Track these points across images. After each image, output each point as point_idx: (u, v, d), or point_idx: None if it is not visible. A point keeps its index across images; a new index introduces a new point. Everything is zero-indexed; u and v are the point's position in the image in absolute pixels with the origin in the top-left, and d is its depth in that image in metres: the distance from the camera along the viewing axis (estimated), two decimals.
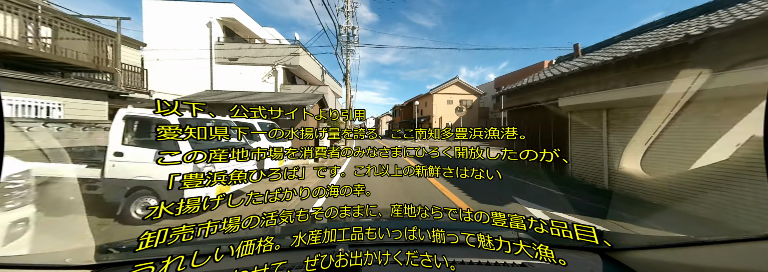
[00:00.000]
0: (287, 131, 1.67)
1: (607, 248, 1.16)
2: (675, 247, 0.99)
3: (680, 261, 0.94)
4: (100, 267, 1.06)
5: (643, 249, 1.10)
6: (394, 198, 5.31)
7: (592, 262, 1.16)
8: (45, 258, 1.12)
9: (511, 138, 1.54)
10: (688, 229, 4.00)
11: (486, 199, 5.33)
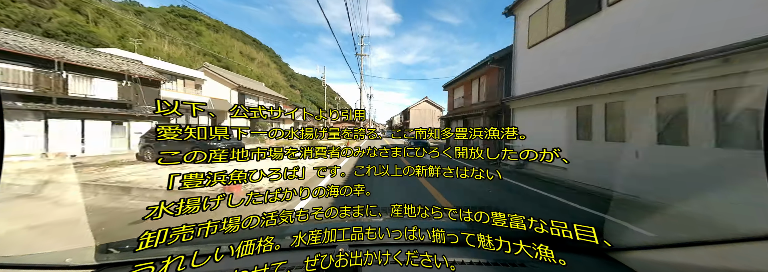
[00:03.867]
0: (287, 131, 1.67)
1: (607, 248, 1.16)
2: (675, 247, 0.99)
3: (680, 261, 0.94)
4: (101, 267, 1.06)
5: (643, 249, 1.10)
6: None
7: (592, 262, 1.16)
8: (45, 258, 1.12)
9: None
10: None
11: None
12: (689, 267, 0.92)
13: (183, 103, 1.34)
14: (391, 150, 1.98)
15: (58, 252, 1.14)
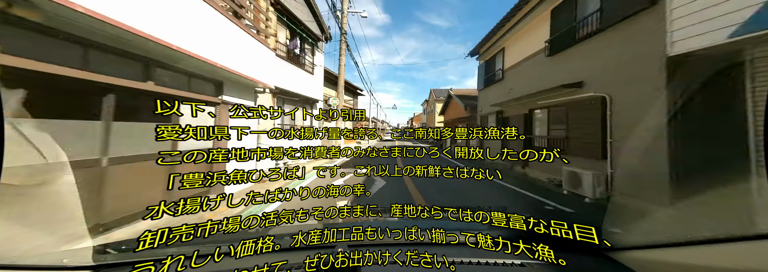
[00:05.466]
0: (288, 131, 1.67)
1: (607, 248, 1.16)
2: (675, 247, 0.99)
3: (680, 261, 0.94)
4: (99, 267, 1.05)
5: (643, 249, 1.10)
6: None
7: (592, 262, 1.16)
8: (42, 258, 1.11)
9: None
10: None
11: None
12: (689, 267, 0.92)
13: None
14: (391, 150, 1.98)
15: (55, 252, 1.14)
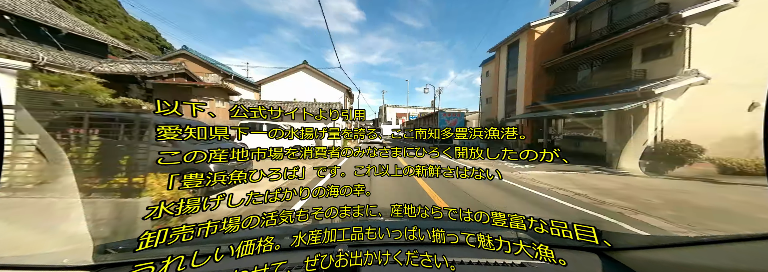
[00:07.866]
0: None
1: (607, 248, 1.16)
2: (675, 247, 0.99)
3: (680, 261, 0.94)
4: (99, 267, 1.05)
5: (642, 249, 1.10)
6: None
7: (592, 262, 1.16)
8: (42, 258, 1.11)
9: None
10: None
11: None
12: (688, 267, 0.92)
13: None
14: (392, 150, 1.99)
15: (55, 252, 1.14)
